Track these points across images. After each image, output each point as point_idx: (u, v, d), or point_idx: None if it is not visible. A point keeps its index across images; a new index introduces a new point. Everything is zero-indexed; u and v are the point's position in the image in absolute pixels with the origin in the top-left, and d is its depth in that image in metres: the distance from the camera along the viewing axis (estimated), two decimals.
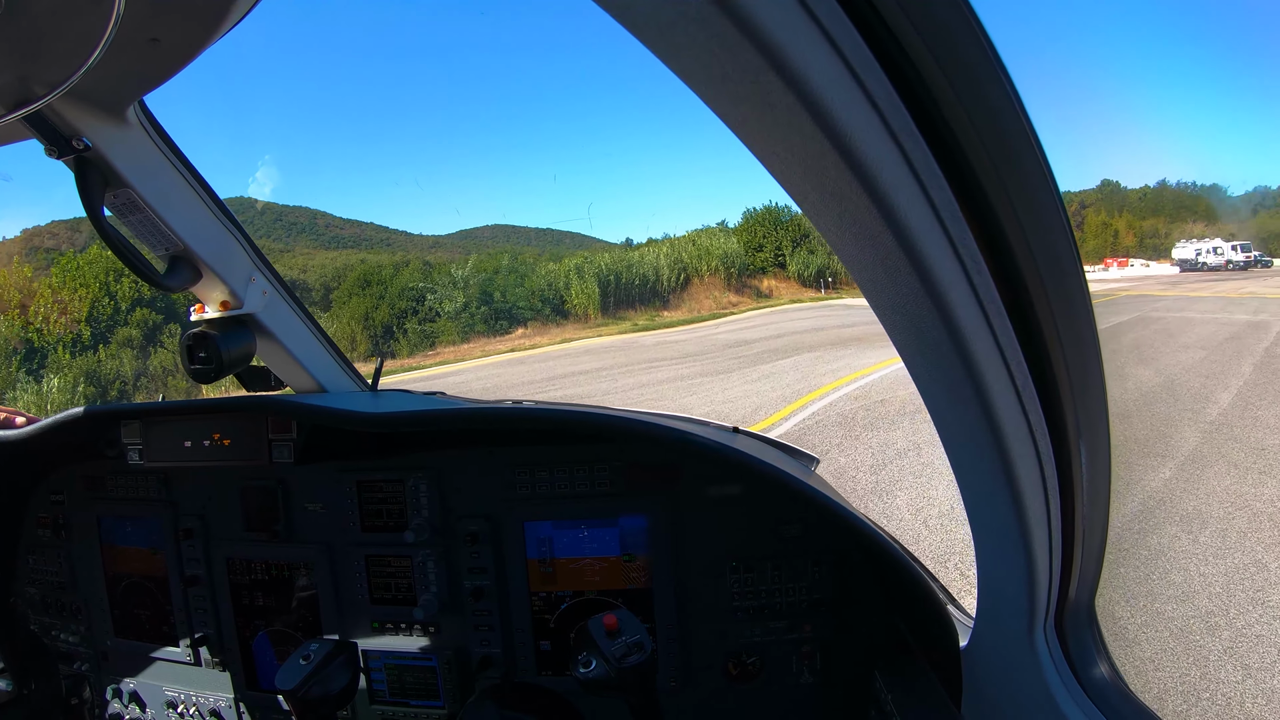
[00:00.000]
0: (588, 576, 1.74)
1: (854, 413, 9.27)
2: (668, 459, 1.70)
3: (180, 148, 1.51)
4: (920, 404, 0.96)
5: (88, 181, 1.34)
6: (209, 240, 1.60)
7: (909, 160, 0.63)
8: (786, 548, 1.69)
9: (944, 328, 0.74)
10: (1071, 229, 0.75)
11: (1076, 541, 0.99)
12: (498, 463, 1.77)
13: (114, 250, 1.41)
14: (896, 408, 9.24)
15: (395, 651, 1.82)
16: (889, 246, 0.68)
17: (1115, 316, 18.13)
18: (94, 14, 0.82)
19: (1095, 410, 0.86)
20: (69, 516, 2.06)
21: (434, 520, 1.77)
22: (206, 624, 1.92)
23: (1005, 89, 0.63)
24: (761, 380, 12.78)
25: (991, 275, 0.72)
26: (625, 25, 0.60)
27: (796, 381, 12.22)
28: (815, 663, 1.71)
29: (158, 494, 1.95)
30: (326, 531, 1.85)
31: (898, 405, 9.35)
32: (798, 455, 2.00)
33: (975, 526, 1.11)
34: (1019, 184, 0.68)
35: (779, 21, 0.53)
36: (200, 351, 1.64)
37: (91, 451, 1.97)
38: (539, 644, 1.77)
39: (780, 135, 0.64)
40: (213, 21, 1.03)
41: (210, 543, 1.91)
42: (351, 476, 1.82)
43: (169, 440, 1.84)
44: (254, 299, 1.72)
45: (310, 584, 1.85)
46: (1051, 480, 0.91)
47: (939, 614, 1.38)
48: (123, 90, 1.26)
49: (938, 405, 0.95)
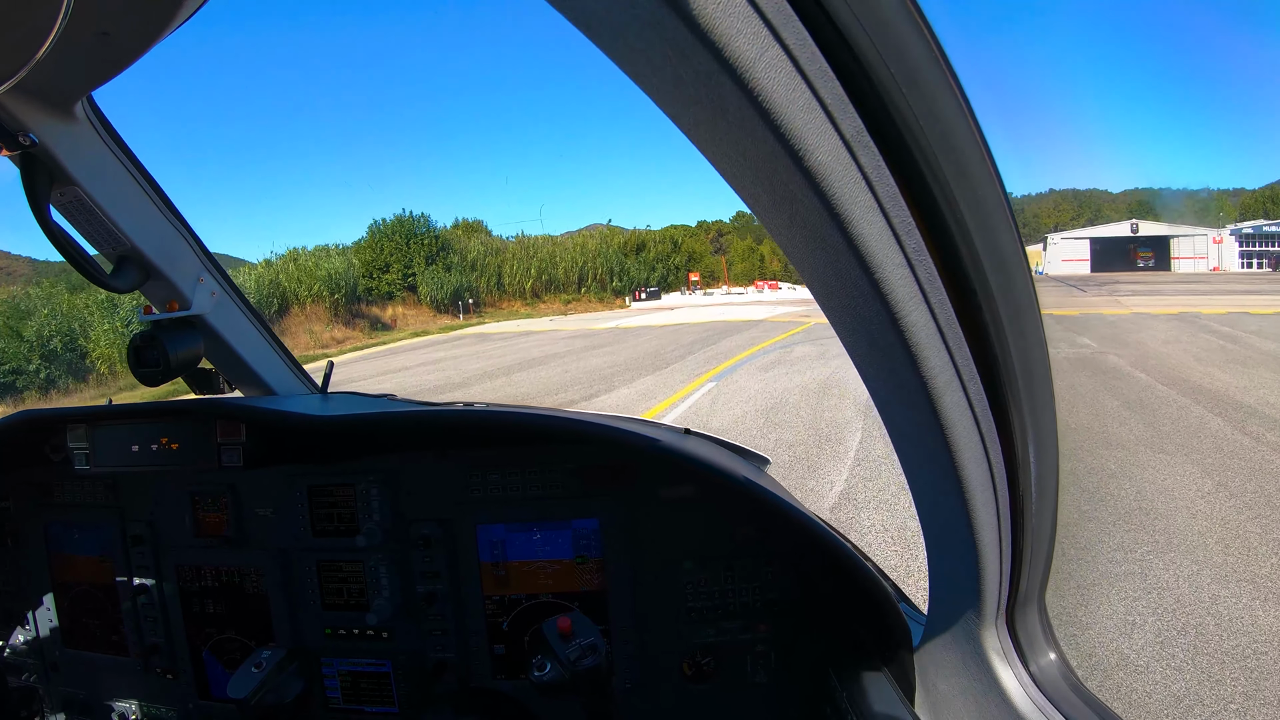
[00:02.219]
0: (541, 579, 1.73)
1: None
2: (620, 461, 1.71)
3: (129, 145, 1.48)
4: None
5: (34, 178, 1.30)
6: (157, 240, 1.57)
7: (859, 163, 0.65)
8: (739, 548, 1.70)
9: (893, 330, 0.75)
10: (1018, 230, 0.77)
11: (1026, 538, 1.02)
12: (449, 466, 1.75)
13: (60, 249, 1.37)
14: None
15: (348, 657, 1.80)
16: (839, 249, 0.69)
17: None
18: (43, 6, 0.80)
19: (1042, 408, 0.89)
20: (15, 524, 1.99)
21: (386, 524, 1.75)
22: (157, 632, 1.87)
23: (954, 92, 0.65)
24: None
25: (940, 277, 0.74)
26: (579, 27, 0.60)
27: None
28: (770, 663, 1.72)
29: (105, 500, 1.89)
30: (277, 536, 1.81)
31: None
32: (749, 456, 2.02)
33: (925, 525, 1.13)
34: (968, 187, 0.70)
35: (731, 25, 0.54)
36: (148, 353, 1.61)
37: (37, 456, 1.91)
38: (493, 648, 1.76)
39: (732, 138, 0.65)
40: (163, 17, 1.01)
41: (159, 550, 1.86)
42: (302, 480, 1.79)
43: (116, 445, 1.80)
44: (202, 300, 1.70)
45: (261, 590, 1.82)
46: (1000, 478, 0.93)
47: (891, 612, 1.41)
48: (71, 85, 1.23)
49: (888, 406, 0.96)
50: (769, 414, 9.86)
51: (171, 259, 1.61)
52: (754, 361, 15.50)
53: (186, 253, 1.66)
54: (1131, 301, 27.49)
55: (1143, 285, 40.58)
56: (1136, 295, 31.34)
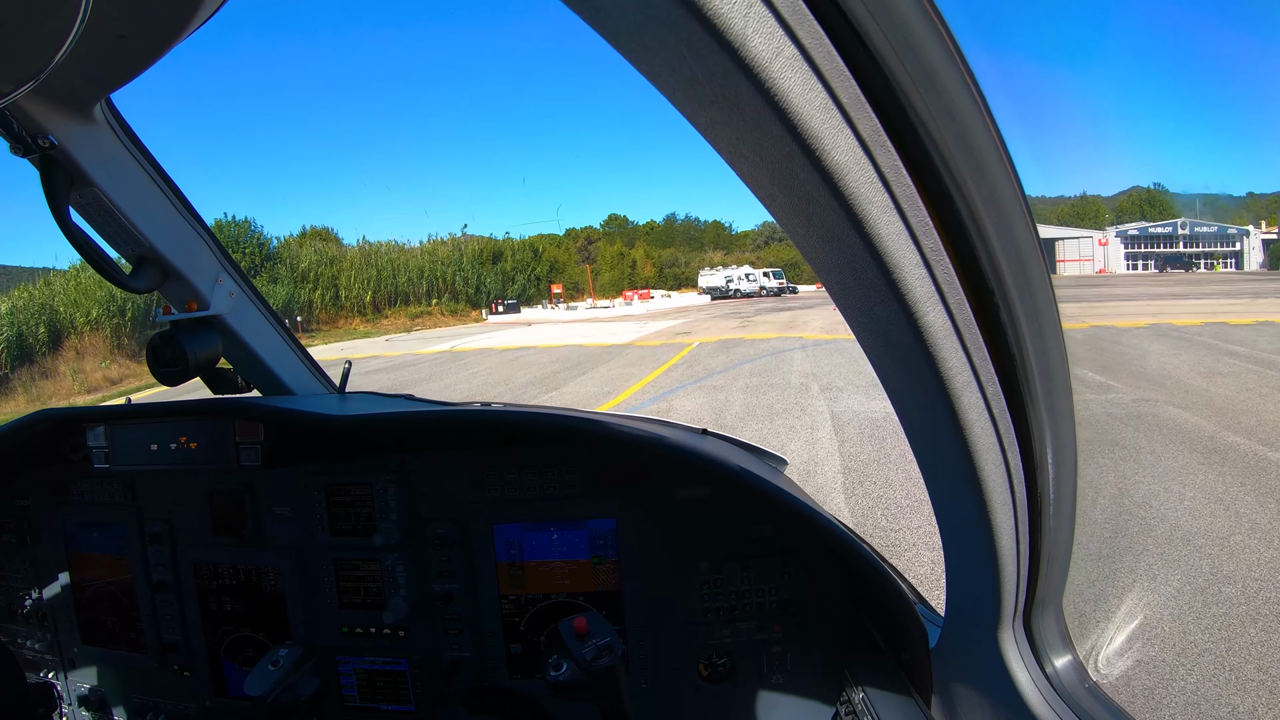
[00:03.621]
0: (557, 579, 1.74)
1: None
2: (636, 461, 1.71)
3: (148, 147, 1.49)
4: None
5: (53, 180, 1.32)
6: (176, 241, 1.58)
7: (876, 163, 0.64)
8: (755, 549, 1.70)
9: (910, 330, 0.75)
10: (1037, 233, 0.76)
11: (1044, 540, 1.01)
12: (466, 465, 1.76)
13: (79, 250, 1.39)
14: None
15: (365, 656, 1.81)
16: (856, 249, 0.69)
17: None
18: (62, 9, 0.81)
19: (1061, 410, 0.88)
20: (34, 522, 2.01)
21: (402, 523, 1.76)
22: (174, 630, 1.89)
23: (971, 92, 0.65)
24: None
25: (958, 278, 0.74)
26: (595, 28, 0.60)
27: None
28: (785, 663, 1.72)
29: (123, 499, 1.91)
30: (294, 536, 1.83)
31: None
32: (766, 457, 2.01)
33: (943, 528, 1.12)
34: (986, 187, 0.70)
35: (748, 25, 0.54)
36: (166, 353, 1.62)
37: (56, 455, 1.93)
38: (509, 647, 1.76)
39: (748, 138, 0.65)
40: (181, 19, 1.02)
41: (177, 548, 1.88)
42: (319, 480, 1.80)
43: (135, 444, 1.82)
44: (220, 300, 1.71)
45: (278, 589, 1.83)
46: (1019, 480, 0.92)
47: (908, 613, 1.40)
48: (90, 88, 1.24)
49: (905, 408, 0.96)
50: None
51: (190, 259, 1.63)
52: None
53: (205, 253, 1.67)
54: (1067, 310, 23.99)
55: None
56: (1062, 303, 28.16)
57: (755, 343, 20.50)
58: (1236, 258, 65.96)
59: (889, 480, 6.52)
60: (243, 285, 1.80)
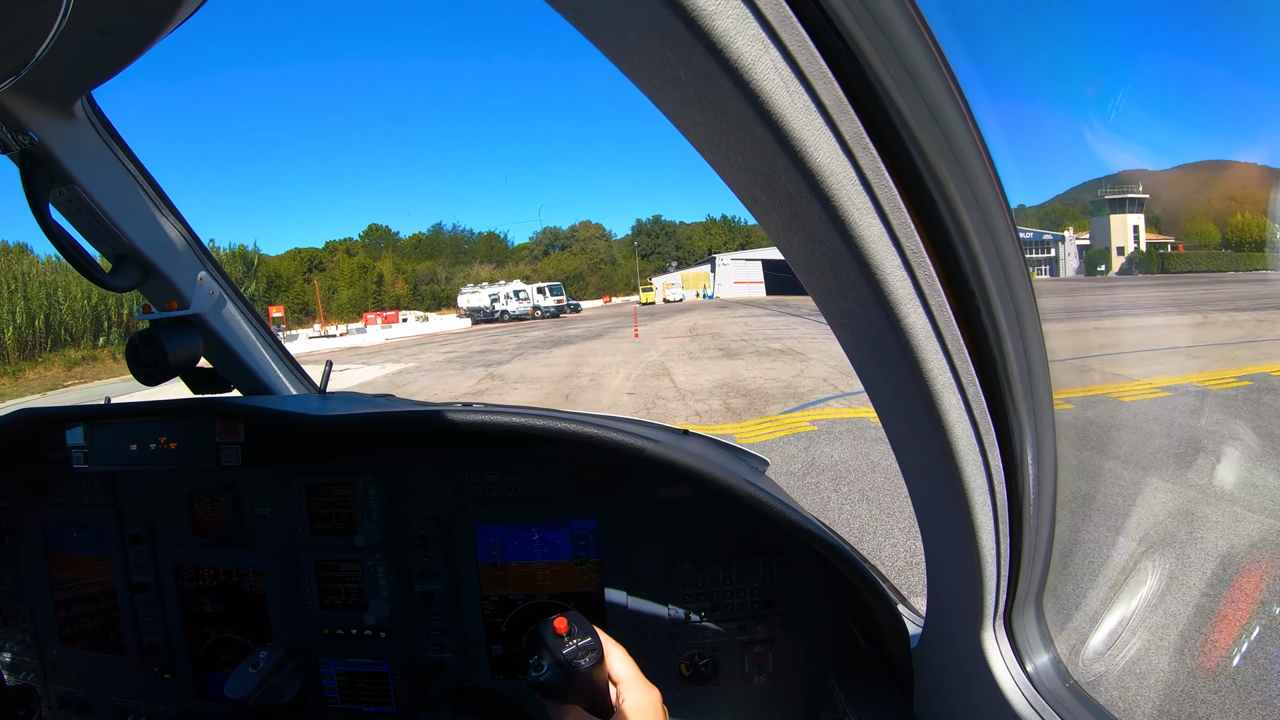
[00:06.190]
0: (540, 580, 1.73)
1: None
2: (618, 462, 1.71)
3: (129, 144, 1.48)
4: None
5: (33, 177, 1.30)
6: (156, 239, 1.57)
7: (858, 165, 0.65)
8: (737, 549, 1.70)
9: (891, 331, 0.75)
10: (1018, 235, 0.77)
11: (1024, 540, 1.02)
12: (448, 466, 1.75)
13: (59, 248, 1.37)
14: None
15: (346, 657, 1.79)
16: (837, 250, 0.69)
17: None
18: (42, 4, 0.80)
19: (1041, 411, 0.89)
20: (12, 522, 1.98)
21: (384, 524, 1.74)
22: (154, 631, 1.87)
23: (953, 94, 0.65)
24: None
25: (939, 279, 0.74)
26: (579, 28, 0.60)
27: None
28: (768, 663, 1.72)
29: (103, 499, 1.89)
30: (275, 536, 1.81)
31: None
32: (747, 457, 2.01)
33: (924, 528, 1.13)
34: (968, 190, 0.70)
35: (731, 26, 0.54)
36: (146, 352, 1.61)
37: (35, 455, 1.91)
38: (491, 648, 1.76)
39: (731, 139, 0.65)
40: (163, 15, 1.01)
41: (158, 549, 1.86)
42: (300, 480, 1.78)
43: (114, 444, 1.80)
44: (201, 299, 1.70)
45: (259, 589, 1.82)
46: (999, 480, 0.93)
47: (890, 613, 1.40)
48: (71, 84, 1.23)
49: (886, 409, 0.96)
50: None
51: (171, 258, 1.61)
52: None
53: (186, 252, 1.66)
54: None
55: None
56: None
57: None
58: (1051, 264, 64.67)
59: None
60: (224, 284, 1.78)
